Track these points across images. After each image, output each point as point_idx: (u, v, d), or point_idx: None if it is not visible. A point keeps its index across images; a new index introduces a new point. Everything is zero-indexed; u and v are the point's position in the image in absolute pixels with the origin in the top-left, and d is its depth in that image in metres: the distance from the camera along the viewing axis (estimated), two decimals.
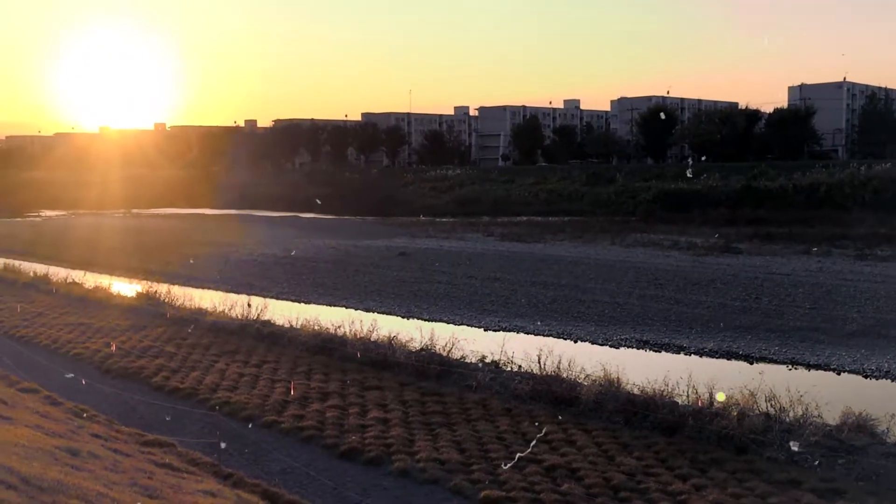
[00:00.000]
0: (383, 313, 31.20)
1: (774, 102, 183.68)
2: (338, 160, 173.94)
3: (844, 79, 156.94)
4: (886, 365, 22.86)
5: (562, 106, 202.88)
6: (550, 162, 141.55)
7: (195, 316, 28.27)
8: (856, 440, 15.22)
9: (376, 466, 14.93)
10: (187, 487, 11.69)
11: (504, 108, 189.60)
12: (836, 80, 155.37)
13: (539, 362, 20.07)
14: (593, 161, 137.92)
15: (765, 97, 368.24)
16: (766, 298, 32.55)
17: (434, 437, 16.30)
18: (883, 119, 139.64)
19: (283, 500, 13.00)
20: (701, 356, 24.72)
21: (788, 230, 54.45)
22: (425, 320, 29.41)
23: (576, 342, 26.53)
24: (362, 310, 31.60)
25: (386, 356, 21.76)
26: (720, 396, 17.15)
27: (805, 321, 28.29)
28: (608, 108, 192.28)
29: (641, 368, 21.02)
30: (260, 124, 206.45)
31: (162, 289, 33.66)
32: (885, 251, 44.88)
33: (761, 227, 57.23)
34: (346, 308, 32.25)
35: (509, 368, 20.94)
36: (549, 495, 13.34)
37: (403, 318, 30.65)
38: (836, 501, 12.99)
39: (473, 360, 21.75)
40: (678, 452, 15.22)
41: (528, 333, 27.71)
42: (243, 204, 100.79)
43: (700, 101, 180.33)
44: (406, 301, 33.90)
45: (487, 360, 21.69)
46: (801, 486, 13.61)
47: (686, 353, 25.01)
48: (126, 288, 36.55)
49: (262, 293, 35.52)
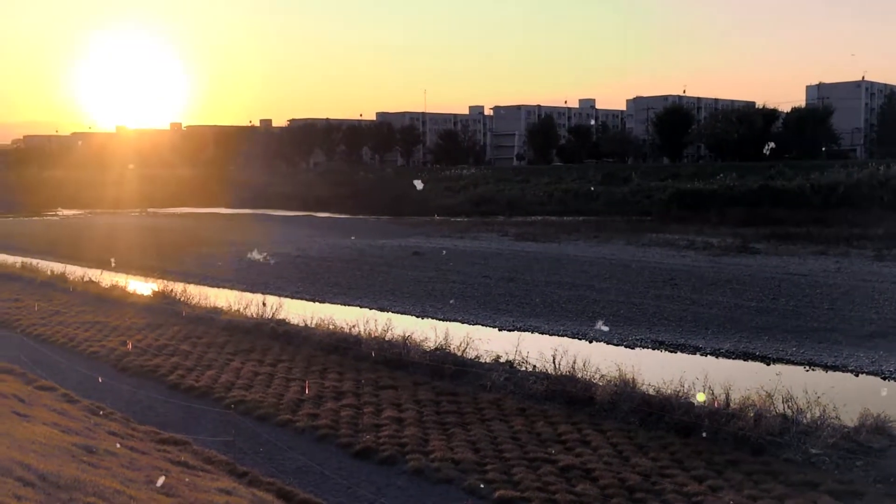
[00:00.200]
0: (398, 313, 31.21)
1: (792, 101, 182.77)
2: (352, 160, 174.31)
3: (863, 78, 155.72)
4: None
5: (577, 105, 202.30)
6: (565, 161, 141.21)
7: (210, 315, 28.39)
8: (874, 442, 15.09)
9: (391, 466, 14.94)
10: (203, 485, 11.74)
11: (519, 107, 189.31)
12: (855, 79, 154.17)
13: (554, 362, 20.01)
14: (608, 161, 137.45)
15: (782, 96, 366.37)
16: (783, 299, 32.31)
17: (448, 436, 16.29)
18: None
19: (297, 499, 13.03)
20: (717, 357, 24.58)
21: (806, 230, 54.04)
22: (440, 320, 29.40)
23: (591, 342, 26.44)
24: (377, 309, 31.63)
25: (400, 355, 21.78)
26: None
27: (823, 322, 28.07)
28: (624, 107, 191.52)
29: (657, 369, 20.92)
30: (275, 124, 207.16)
31: (177, 287, 33.83)
32: None
33: (778, 227, 56.82)
34: (361, 307, 32.29)
35: (524, 368, 20.89)
36: (564, 496, 13.30)
37: (418, 317, 30.65)
38: None
39: (488, 360, 21.74)
40: (694, 453, 15.14)
41: (542, 333, 27.64)
42: (258, 203, 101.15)
43: (717, 100, 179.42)
44: (420, 300, 33.91)
45: (502, 360, 21.65)
46: (818, 488, 13.50)
47: (702, 354, 24.88)
48: (142, 286, 36.76)
49: (277, 292, 35.61)
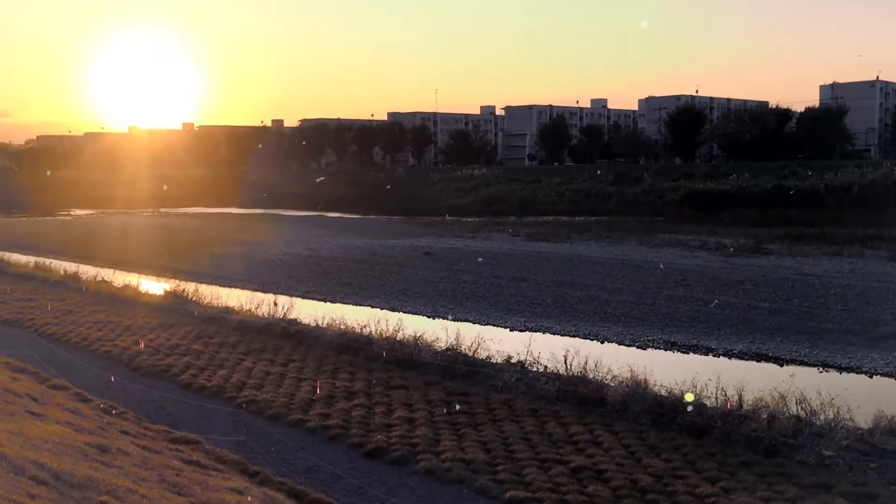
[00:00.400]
0: (409, 313, 31.21)
1: (806, 101, 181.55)
2: (364, 160, 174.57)
3: (877, 77, 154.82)
4: None
5: (589, 105, 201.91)
6: (577, 162, 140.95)
7: (222, 314, 28.47)
8: (888, 444, 14.97)
9: (402, 466, 14.93)
10: (214, 484, 11.76)
11: (530, 107, 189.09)
12: (869, 79, 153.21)
13: (565, 363, 19.96)
14: (620, 161, 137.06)
15: (796, 96, 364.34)
16: (796, 300, 32.13)
17: (459, 437, 16.27)
18: None
19: (308, 499, 13.04)
20: (730, 358, 24.46)
21: (820, 231, 53.72)
22: (451, 320, 29.37)
23: (602, 343, 26.35)
24: (388, 309, 31.64)
25: (412, 356, 21.77)
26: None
27: (836, 323, 27.89)
28: (636, 107, 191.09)
29: (669, 370, 20.83)
30: (286, 124, 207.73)
31: (189, 287, 33.96)
32: None
33: (792, 227, 56.51)
34: (372, 307, 32.31)
35: (535, 369, 20.85)
36: (576, 496, 13.25)
37: (429, 317, 30.64)
38: None
39: (499, 361, 21.70)
40: (706, 455, 15.06)
41: (554, 334, 27.57)
42: (269, 203, 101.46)
43: (729, 99, 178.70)
44: (432, 301, 33.90)
45: (513, 361, 21.61)
46: (831, 490, 13.41)
47: (714, 355, 24.76)
48: (154, 286, 36.91)
49: (289, 292, 35.68)
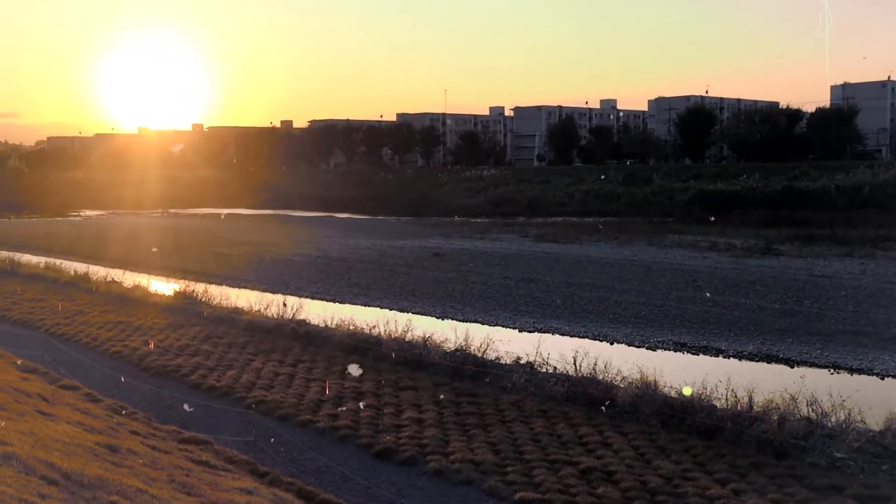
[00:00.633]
0: (418, 314, 31.21)
1: (816, 102, 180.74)
2: (373, 160, 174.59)
3: (889, 78, 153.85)
4: None
5: (598, 106, 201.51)
6: (586, 162, 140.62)
7: (231, 315, 28.52)
8: None
9: (411, 467, 14.92)
10: (224, 485, 11.78)
11: (539, 108, 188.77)
12: (881, 79, 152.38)
13: (574, 364, 19.92)
14: (630, 161, 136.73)
15: (806, 96, 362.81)
16: (807, 301, 31.99)
17: (469, 437, 16.25)
18: None
19: (318, 499, 13.04)
20: (740, 359, 24.36)
21: (830, 232, 53.46)
22: (460, 321, 29.36)
23: (612, 344, 26.29)
24: (397, 310, 31.64)
25: (420, 356, 21.76)
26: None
27: (848, 324, 27.75)
28: (645, 107, 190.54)
29: (679, 371, 20.78)
30: (296, 125, 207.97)
31: (199, 288, 34.02)
32: None
33: (802, 228, 56.26)
34: (381, 308, 32.31)
35: (544, 370, 20.81)
36: (585, 498, 13.22)
37: (438, 318, 30.63)
38: None
39: (508, 361, 21.66)
40: (717, 456, 15.00)
41: (563, 335, 27.53)
42: (279, 204, 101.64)
43: (739, 100, 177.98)
44: (441, 301, 33.89)
45: (522, 362, 21.58)
46: (843, 492, 13.34)
47: (724, 356, 24.67)
48: (164, 287, 37.02)
49: (298, 293, 35.74)
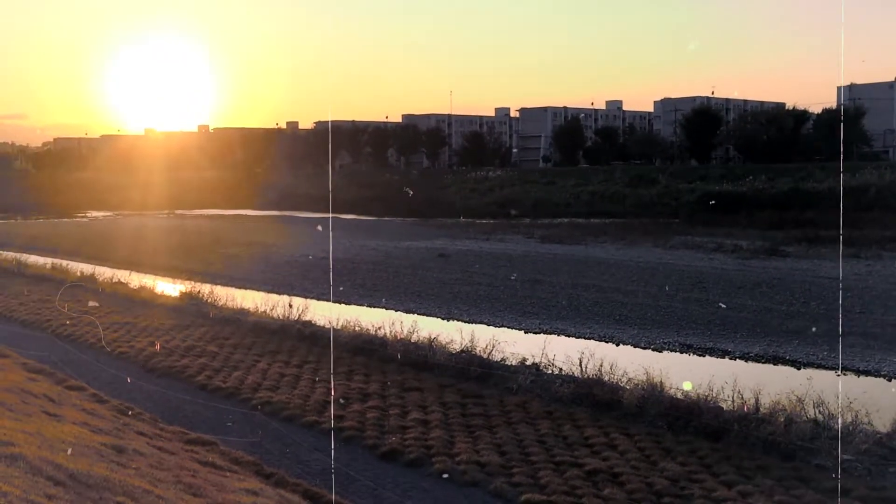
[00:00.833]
0: (423, 315, 31.19)
1: (823, 103, 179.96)
2: (378, 161, 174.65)
3: (895, 79, 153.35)
4: None
5: (604, 107, 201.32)
6: (592, 163, 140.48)
7: (237, 316, 28.55)
8: None
9: (416, 468, 14.91)
10: (230, 486, 11.78)
11: (545, 109, 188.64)
12: (887, 80, 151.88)
13: (580, 365, 19.90)
14: (636, 162, 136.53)
15: (813, 97, 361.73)
16: (813, 302, 31.90)
17: (474, 439, 16.24)
18: None
19: (323, 500, 13.04)
20: (746, 361, 24.30)
21: (837, 233, 53.28)
22: (465, 322, 29.35)
23: (618, 345, 26.25)
24: (402, 311, 31.63)
25: (426, 357, 21.75)
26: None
27: (854, 326, 27.64)
28: (651, 108, 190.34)
29: (685, 372, 20.74)
30: (301, 126, 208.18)
31: (204, 289, 34.07)
32: None
33: (809, 229, 56.14)
34: (387, 309, 32.29)
35: (550, 371, 20.78)
36: (591, 500, 13.20)
37: (443, 319, 30.62)
38: None
39: (514, 363, 21.64)
40: (723, 458, 14.96)
41: (569, 336, 27.49)
42: (284, 205, 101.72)
43: (746, 101, 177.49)
44: (446, 302, 33.87)
45: (528, 363, 21.54)
46: (850, 494, 13.27)
47: (731, 358, 24.61)
48: (170, 288, 37.08)
49: (303, 294, 35.73)
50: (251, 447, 15.50)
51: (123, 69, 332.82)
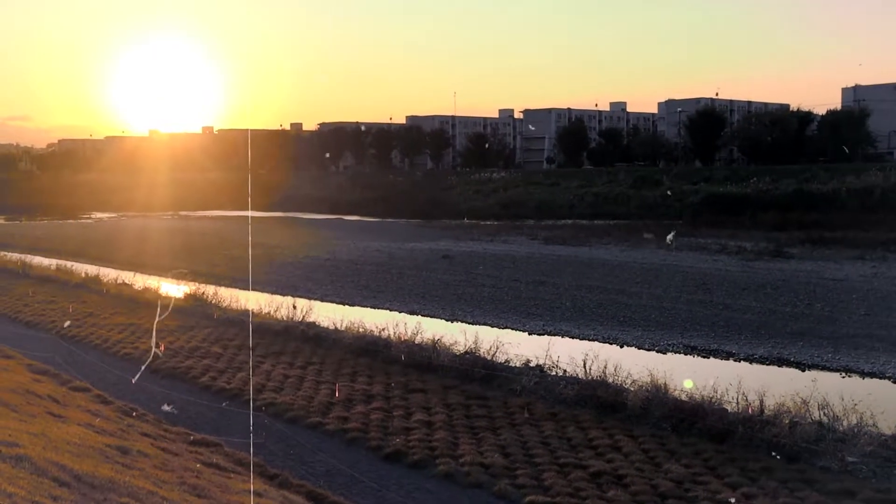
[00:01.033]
0: (427, 316, 31.19)
1: (827, 104, 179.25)
2: (382, 163, 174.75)
3: None
4: None
5: (608, 108, 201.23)
6: (596, 165, 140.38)
7: (241, 317, 28.57)
8: None
9: (420, 469, 14.91)
10: (234, 487, 11.79)
11: (549, 110, 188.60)
12: (892, 81, 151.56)
13: (584, 367, 19.89)
14: (640, 164, 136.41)
15: (817, 99, 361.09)
16: (818, 304, 31.83)
17: (478, 440, 16.23)
18: None
19: (327, 502, 13.05)
20: (751, 363, 24.25)
21: (842, 234, 53.19)
22: (469, 323, 29.34)
23: (622, 347, 26.23)
24: (406, 312, 31.63)
25: (430, 359, 21.75)
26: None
27: (859, 328, 27.59)
28: (655, 110, 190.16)
29: (689, 374, 20.68)
30: (305, 127, 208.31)
31: (208, 290, 34.08)
32: None
33: (813, 231, 56.03)
34: (390, 311, 32.32)
35: (554, 373, 20.77)
36: (595, 501, 13.18)
37: (447, 321, 30.61)
38: None
39: (518, 364, 21.63)
40: (727, 460, 14.94)
41: (573, 338, 27.47)
42: (288, 206, 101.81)
43: (750, 102, 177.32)
44: (450, 304, 33.87)
45: (532, 364, 21.53)
46: (855, 496, 13.26)
47: (735, 360, 24.57)
48: (174, 289, 37.12)
49: (307, 295, 35.79)
50: (255, 448, 15.49)
51: (128, 71, 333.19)
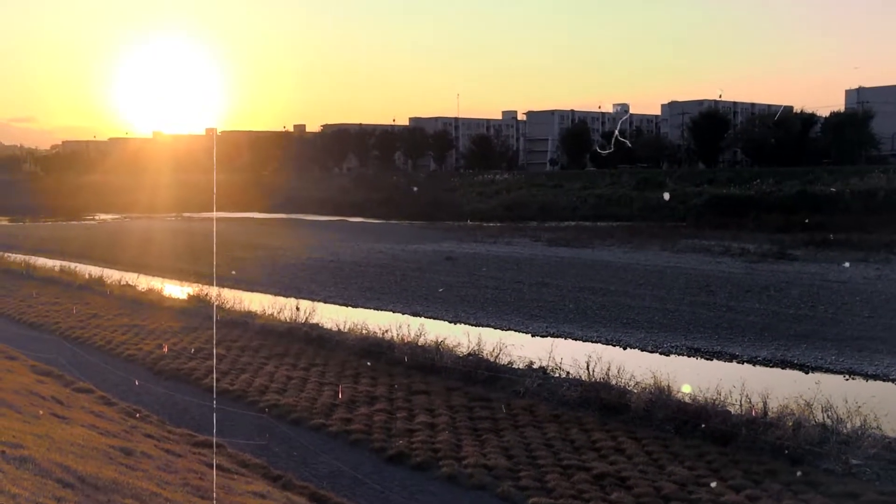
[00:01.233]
0: (430, 318, 31.19)
1: (831, 106, 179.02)
2: (385, 165, 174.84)
3: None
4: None
5: (611, 110, 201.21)
6: (599, 167, 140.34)
7: (245, 318, 28.59)
8: None
9: (423, 471, 14.91)
10: (237, 488, 11.80)
11: (552, 112, 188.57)
12: None
13: (588, 369, 19.87)
14: (643, 166, 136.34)
15: (821, 100, 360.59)
16: (821, 306, 31.79)
17: (481, 442, 16.23)
18: None
19: (330, 503, 13.05)
20: (754, 365, 24.23)
21: (845, 236, 53.15)
22: (472, 325, 29.34)
23: (625, 349, 26.21)
24: (409, 314, 31.64)
25: (433, 361, 21.75)
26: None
27: (863, 330, 27.56)
28: (658, 112, 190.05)
29: (693, 376, 20.67)
30: (309, 129, 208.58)
31: (212, 291, 34.12)
32: None
33: (817, 233, 55.98)
34: (394, 312, 32.32)
35: (557, 374, 20.78)
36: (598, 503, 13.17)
37: (451, 322, 30.61)
38: None
39: (521, 366, 21.63)
40: (731, 462, 14.92)
41: (576, 339, 27.46)
42: (292, 208, 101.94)
43: (753, 104, 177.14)
44: (453, 306, 33.87)
45: (535, 366, 21.53)
46: (859, 499, 13.25)
47: (739, 362, 24.55)
48: (177, 290, 37.19)
49: (310, 297, 35.81)
50: (258, 450, 15.52)
51: (131, 72, 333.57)
